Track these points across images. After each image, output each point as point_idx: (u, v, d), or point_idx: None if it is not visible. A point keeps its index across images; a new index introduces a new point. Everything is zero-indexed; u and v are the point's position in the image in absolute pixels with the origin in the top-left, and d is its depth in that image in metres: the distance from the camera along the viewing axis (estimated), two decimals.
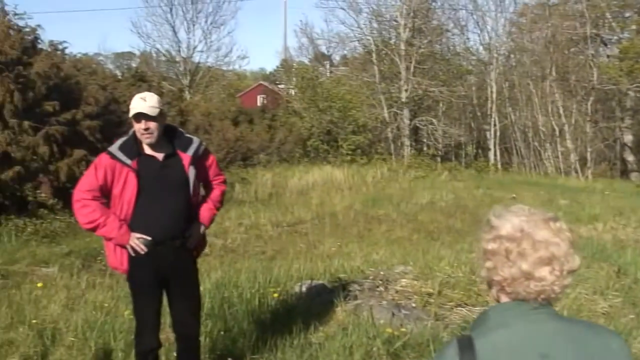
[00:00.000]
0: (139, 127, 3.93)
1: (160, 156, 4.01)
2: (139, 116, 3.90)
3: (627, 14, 29.51)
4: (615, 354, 1.76)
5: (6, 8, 14.69)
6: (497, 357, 1.72)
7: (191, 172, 4.06)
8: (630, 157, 28.71)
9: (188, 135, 4.19)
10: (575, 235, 1.81)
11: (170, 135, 4.07)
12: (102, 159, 3.91)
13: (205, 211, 4.26)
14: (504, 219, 1.83)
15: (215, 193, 4.37)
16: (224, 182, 4.50)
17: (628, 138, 28.76)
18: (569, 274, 1.76)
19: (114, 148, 3.93)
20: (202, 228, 4.25)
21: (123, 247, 3.97)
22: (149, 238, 3.92)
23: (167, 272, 4.05)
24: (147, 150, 3.98)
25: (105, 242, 4.08)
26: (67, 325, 5.21)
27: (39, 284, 6.87)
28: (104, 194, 3.93)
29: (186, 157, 4.06)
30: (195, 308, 4.28)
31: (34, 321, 5.37)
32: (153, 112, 3.90)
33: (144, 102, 3.91)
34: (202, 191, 4.33)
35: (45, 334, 5.10)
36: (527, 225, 1.77)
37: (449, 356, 1.75)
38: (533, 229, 1.76)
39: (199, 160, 4.13)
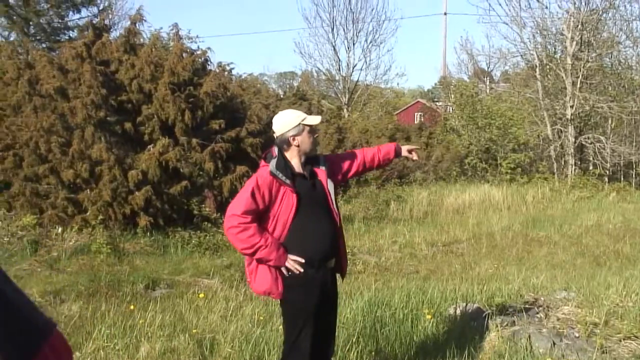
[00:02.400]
0: (313, 138, 3.98)
1: (307, 174, 3.99)
2: (315, 126, 4.00)
3: None
4: None
5: (180, 32, 15.81)
6: None
7: (330, 187, 4.03)
8: None
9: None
10: None
11: None
12: (262, 180, 3.82)
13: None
14: None
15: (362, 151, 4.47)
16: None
17: None
18: None
19: (272, 168, 3.84)
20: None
21: (277, 268, 3.86)
22: (303, 260, 3.84)
23: (324, 294, 3.98)
24: (297, 169, 3.95)
25: (251, 267, 3.94)
26: (224, 337, 5.40)
27: (201, 295, 7.23)
28: (259, 216, 3.83)
29: (321, 172, 4.04)
30: (335, 330, 4.26)
31: (194, 330, 5.61)
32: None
33: (312, 115, 4.00)
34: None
35: (204, 344, 5.29)
36: None
37: None
38: None
39: (331, 173, 4.11)
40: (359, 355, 5.12)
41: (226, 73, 16.99)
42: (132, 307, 6.63)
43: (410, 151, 4.57)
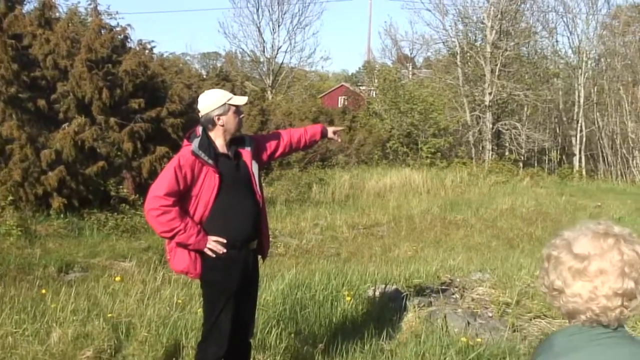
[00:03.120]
0: (239, 118, 3.94)
1: (231, 154, 3.94)
2: (241, 107, 3.96)
3: None
4: None
5: (99, 7, 15.29)
6: None
7: (254, 168, 4.00)
8: None
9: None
10: None
11: None
12: (184, 159, 3.75)
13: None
14: (578, 236, 1.70)
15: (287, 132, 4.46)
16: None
17: None
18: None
19: (195, 147, 3.78)
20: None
21: (197, 251, 3.82)
22: (225, 241, 3.80)
23: (245, 275, 3.95)
24: (221, 149, 3.89)
25: (171, 245, 3.86)
26: (141, 320, 5.27)
27: (117, 278, 7.04)
28: (181, 196, 3.77)
29: (247, 153, 4.00)
30: (255, 312, 4.26)
31: (110, 315, 5.46)
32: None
33: (237, 94, 3.94)
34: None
35: (120, 328, 5.17)
36: (598, 247, 1.66)
37: None
38: (602, 251, 1.64)
39: (256, 154, 4.08)
40: (278, 337, 5.10)
41: (147, 51, 16.57)
42: (43, 291, 6.38)
43: (335, 132, 4.58)
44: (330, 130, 4.56)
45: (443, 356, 4.99)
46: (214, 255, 3.80)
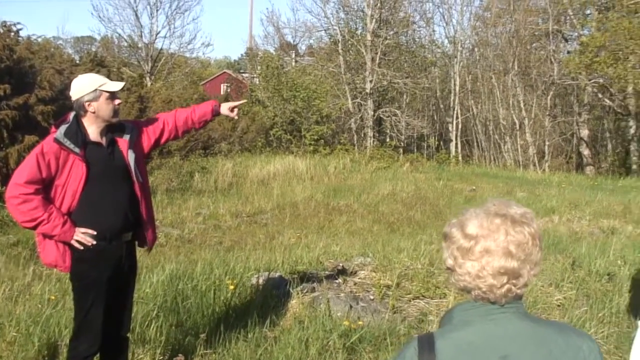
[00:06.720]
0: (112, 105, 3.75)
1: (105, 143, 3.79)
2: (115, 93, 3.77)
3: (587, 11, 30.00)
4: (585, 356, 1.72)
5: None
6: (457, 357, 1.67)
7: (131, 158, 3.85)
8: (585, 151, 29.20)
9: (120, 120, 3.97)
10: (540, 232, 1.74)
11: None
12: (47, 147, 3.59)
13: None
14: (471, 217, 1.76)
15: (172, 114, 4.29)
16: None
17: (584, 133, 29.25)
18: (533, 269, 1.72)
19: (59, 135, 3.62)
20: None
21: (65, 243, 3.67)
22: (94, 233, 3.65)
23: (118, 268, 3.82)
24: (93, 137, 3.73)
25: (41, 237, 3.72)
26: (9, 320, 4.97)
27: None
28: (45, 185, 3.60)
29: (123, 141, 3.86)
30: (131, 306, 4.14)
31: None
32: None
33: (111, 81, 3.76)
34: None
35: None
36: (485, 228, 1.70)
37: (408, 356, 1.70)
38: (489, 232, 1.69)
39: (135, 142, 3.93)
40: (159, 330, 4.97)
41: (12, 34, 15.58)
42: None
43: (233, 109, 4.41)
44: (225, 106, 4.39)
45: (326, 340, 5.04)
46: (81, 248, 3.65)
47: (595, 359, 1.73)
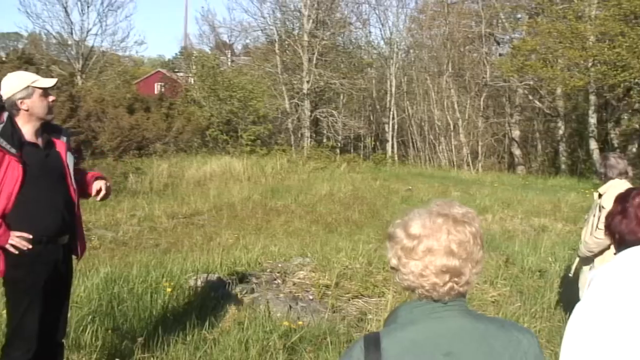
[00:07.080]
0: (46, 102, 3.64)
1: (41, 144, 3.68)
2: (49, 90, 3.66)
3: (518, 15, 30.91)
4: (525, 350, 1.76)
5: None
6: (403, 356, 1.68)
7: (70, 160, 3.76)
8: (517, 151, 30.00)
9: (53, 123, 3.87)
10: (481, 232, 1.78)
11: None
12: None
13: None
14: (414, 217, 1.78)
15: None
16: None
17: (516, 133, 30.05)
18: (474, 268, 1.75)
19: None
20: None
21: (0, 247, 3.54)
22: (30, 236, 3.53)
23: (54, 272, 3.70)
24: (29, 137, 3.62)
25: None
26: None
27: None
28: None
29: (61, 144, 3.77)
30: (67, 311, 4.03)
31: None
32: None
33: (43, 77, 3.65)
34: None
35: None
36: (428, 227, 1.73)
37: (354, 355, 1.71)
38: (431, 231, 1.72)
39: (70, 144, 3.86)
40: (94, 335, 4.85)
41: None
42: None
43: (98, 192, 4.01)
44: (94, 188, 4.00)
45: (266, 341, 5.02)
46: (16, 252, 3.52)
47: (535, 352, 1.77)
